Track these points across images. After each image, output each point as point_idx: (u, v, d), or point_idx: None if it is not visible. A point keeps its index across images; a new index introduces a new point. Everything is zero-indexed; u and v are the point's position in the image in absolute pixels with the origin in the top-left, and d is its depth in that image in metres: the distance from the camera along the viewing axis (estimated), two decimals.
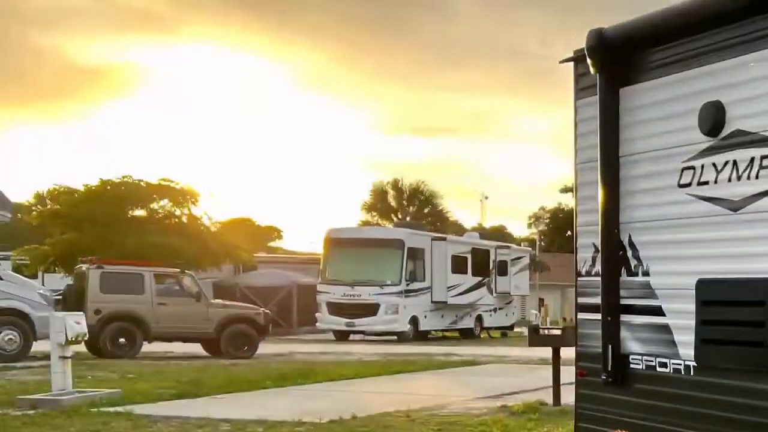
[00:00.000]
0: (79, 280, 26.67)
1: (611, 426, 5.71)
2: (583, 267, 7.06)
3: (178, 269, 27.94)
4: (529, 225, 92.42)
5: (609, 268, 6.70)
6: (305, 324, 40.35)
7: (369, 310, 35.80)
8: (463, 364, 24.11)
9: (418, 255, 37.31)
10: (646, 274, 6.50)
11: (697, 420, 6.01)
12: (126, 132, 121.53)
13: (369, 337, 36.97)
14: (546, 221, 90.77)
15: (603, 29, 6.63)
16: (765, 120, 5.59)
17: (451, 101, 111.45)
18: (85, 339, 16.65)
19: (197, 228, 38.50)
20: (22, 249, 37.90)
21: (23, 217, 46.80)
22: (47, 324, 16.79)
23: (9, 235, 48.05)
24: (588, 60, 6.71)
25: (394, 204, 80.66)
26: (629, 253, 6.63)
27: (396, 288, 36.09)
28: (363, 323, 36.02)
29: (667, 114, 6.33)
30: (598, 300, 6.77)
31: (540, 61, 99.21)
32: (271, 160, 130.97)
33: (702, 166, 6.04)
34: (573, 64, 7.15)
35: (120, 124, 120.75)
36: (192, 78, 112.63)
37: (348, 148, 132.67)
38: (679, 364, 6.19)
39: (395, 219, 72.80)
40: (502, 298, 42.78)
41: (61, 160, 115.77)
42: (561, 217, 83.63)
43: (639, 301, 6.54)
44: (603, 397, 6.80)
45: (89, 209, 35.99)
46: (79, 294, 25.74)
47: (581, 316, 7.15)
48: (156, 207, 38.77)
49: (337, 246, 37.48)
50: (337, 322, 36.33)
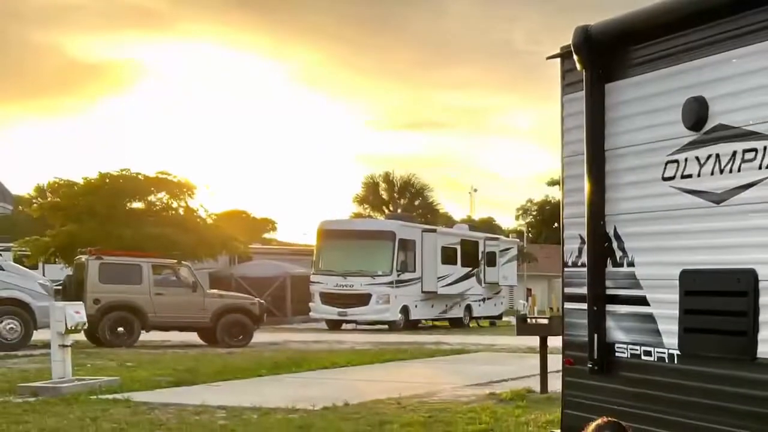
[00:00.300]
0: (79, 270, 26.64)
1: (597, 413, 5.69)
2: (570, 258, 7.04)
3: (175, 260, 27.97)
4: (517, 217, 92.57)
5: (595, 258, 6.68)
6: (299, 313, 40.36)
7: (361, 300, 35.81)
8: (453, 352, 24.13)
9: (408, 246, 37.29)
10: (630, 264, 6.49)
11: (681, 407, 6.00)
12: (124, 127, 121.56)
13: (361, 327, 36.99)
14: (533, 213, 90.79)
15: (589, 26, 6.60)
16: (747, 115, 5.56)
17: (442, 97, 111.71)
18: (85, 328, 16.64)
19: (194, 220, 38.43)
20: (23, 240, 37.77)
21: (24, 210, 46.78)
22: (47, 313, 16.78)
23: (10, 227, 47.96)
24: (574, 56, 6.68)
25: (385, 197, 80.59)
26: (614, 245, 6.61)
27: (387, 278, 36.07)
28: (355, 313, 36.03)
29: (652, 109, 6.31)
30: (584, 290, 6.74)
31: (528, 58, 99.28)
32: (267, 154, 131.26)
33: (685, 159, 6.02)
34: (560, 60, 7.11)
35: (119, 119, 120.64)
36: (188, 74, 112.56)
37: (341, 142, 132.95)
38: (663, 352, 6.18)
39: (386, 211, 72.66)
40: (490, 288, 42.79)
41: (62, 153, 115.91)
42: (548, 210, 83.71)
43: (624, 291, 6.53)
44: (589, 385, 6.79)
45: (88, 202, 35.92)
46: (79, 284, 25.73)
47: (568, 305, 7.13)
48: (153, 199, 38.67)
49: (330, 237, 37.45)
50: (330, 311, 36.34)
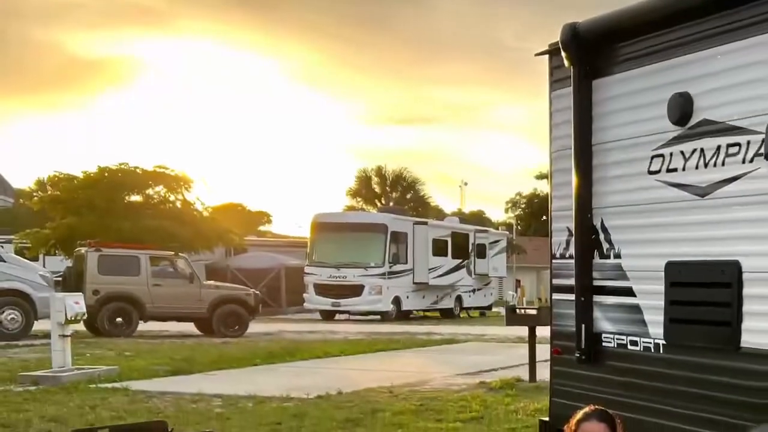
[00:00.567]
0: (78, 262, 26.60)
1: (585, 401, 5.68)
2: (558, 250, 7.03)
3: (172, 252, 27.95)
4: (507, 210, 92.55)
5: (582, 250, 6.68)
6: (293, 304, 40.33)
7: (354, 291, 35.80)
8: (444, 342, 24.14)
9: (400, 238, 37.29)
10: (617, 256, 6.48)
11: (667, 395, 6.00)
12: (123, 121, 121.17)
13: (354, 317, 36.98)
14: (522, 206, 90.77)
15: (576, 24, 6.59)
16: (731, 110, 5.55)
17: (433, 93, 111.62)
18: (84, 318, 16.63)
19: (191, 213, 38.44)
20: (23, 233, 37.72)
21: (25, 202, 46.63)
22: (48, 304, 16.76)
23: (11, 220, 47.87)
24: (562, 53, 6.67)
25: (377, 190, 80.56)
26: (601, 237, 6.61)
27: (379, 270, 36.06)
28: (348, 303, 36.03)
29: (638, 104, 6.30)
30: (572, 281, 6.74)
31: (517, 54, 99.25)
32: (262, 148, 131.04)
33: (671, 153, 6.01)
34: (548, 56, 7.10)
35: (117, 114, 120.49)
36: (186, 70, 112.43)
37: (334, 137, 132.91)
38: (649, 342, 6.17)
39: (379, 204, 72.75)
40: (480, 279, 42.80)
41: (62, 148, 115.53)
42: (537, 203, 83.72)
43: (611, 283, 6.52)
44: (577, 374, 6.79)
45: (88, 195, 35.90)
46: (78, 275, 25.69)
47: (556, 296, 7.12)
48: (151, 193, 38.69)
49: (324, 230, 37.42)
50: (324, 302, 36.32)
